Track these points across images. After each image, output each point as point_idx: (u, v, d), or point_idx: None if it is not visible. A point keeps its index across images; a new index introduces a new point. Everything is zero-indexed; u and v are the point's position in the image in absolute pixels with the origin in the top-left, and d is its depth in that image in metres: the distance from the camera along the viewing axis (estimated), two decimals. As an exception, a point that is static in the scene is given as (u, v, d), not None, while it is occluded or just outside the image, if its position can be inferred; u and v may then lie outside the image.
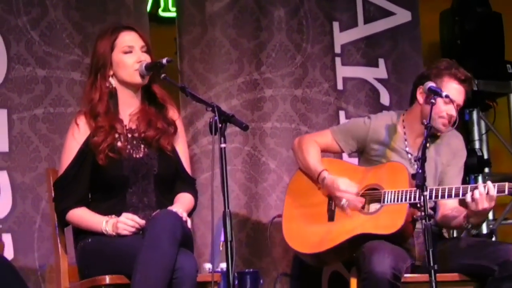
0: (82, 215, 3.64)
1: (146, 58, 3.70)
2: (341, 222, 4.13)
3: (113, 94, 3.70)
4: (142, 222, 3.55)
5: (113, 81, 3.71)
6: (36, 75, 4.70)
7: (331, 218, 4.18)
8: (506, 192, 3.90)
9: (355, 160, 4.63)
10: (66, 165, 3.66)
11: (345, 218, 4.13)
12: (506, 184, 3.91)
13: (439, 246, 3.98)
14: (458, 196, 3.97)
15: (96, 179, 3.66)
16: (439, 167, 4.24)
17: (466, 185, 4.00)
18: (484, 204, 3.89)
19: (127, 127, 3.72)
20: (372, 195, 4.14)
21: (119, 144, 3.67)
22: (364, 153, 4.35)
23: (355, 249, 3.98)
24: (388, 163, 4.20)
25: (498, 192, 3.91)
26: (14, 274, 3.53)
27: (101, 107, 3.67)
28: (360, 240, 3.99)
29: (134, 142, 3.71)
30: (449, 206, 4.17)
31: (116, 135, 3.68)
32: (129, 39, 3.72)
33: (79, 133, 3.67)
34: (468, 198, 3.91)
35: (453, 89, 4.13)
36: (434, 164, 4.17)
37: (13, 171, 4.59)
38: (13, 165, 4.60)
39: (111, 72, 3.71)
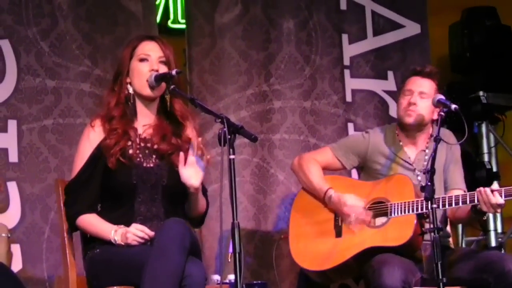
0: (92, 222, 3.64)
1: (161, 69, 3.70)
2: (349, 237, 4.12)
3: (130, 101, 3.71)
4: (152, 233, 3.54)
5: (130, 89, 3.72)
6: (45, 86, 4.72)
7: (338, 234, 4.17)
8: None
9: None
10: (79, 169, 3.67)
11: (353, 233, 4.12)
12: None
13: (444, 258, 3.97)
14: (466, 203, 3.96)
15: (105, 185, 3.66)
16: (441, 168, 4.24)
17: (473, 192, 3.99)
18: (490, 209, 3.89)
19: (141, 136, 3.72)
20: (378, 208, 4.13)
21: (130, 151, 3.68)
22: (366, 168, 4.35)
23: (363, 264, 3.97)
24: (392, 176, 4.20)
25: (506, 196, 3.90)
26: (18, 286, 3.53)
27: (117, 111, 3.68)
28: (369, 254, 3.98)
29: (146, 151, 3.70)
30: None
31: (129, 142, 3.68)
32: (147, 48, 3.73)
33: (94, 135, 3.68)
34: (484, 208, 3.91)
35: (411, 81, 4.27)
36: (437, 169, 4.14)
37: (22, 182, 4.60)
38: (22, 175, 4.61)
39: (128, 80, 3.72)
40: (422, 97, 4.21)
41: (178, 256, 3.37)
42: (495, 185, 3.99)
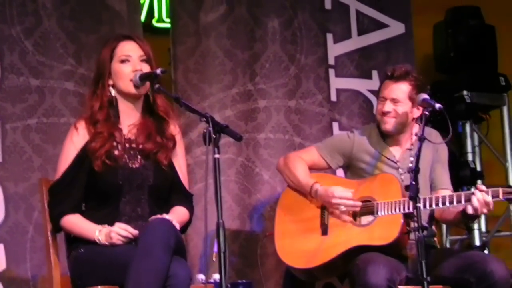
0: (76, 222, 3.64)
1: (144, 68, 3.69)
2: (335, 236, 4.13)
3: (113, 103, 3.70)
4: (135, 232, 3.54)
5: (112, 91, 3.71)
6: (29, 85, 4.70)
7: (324, 232, 4.17)
8: (500, 197, 3.91)
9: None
10: (63, 170, 3.65)
11: (339, 231, 4.13)
12: (500, 189, 3.92)
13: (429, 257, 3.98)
14: (452, 203, 3.98)
15: (91, 186, 3.65)
16: (427, 167, 4.25)
17: (460, 192, 4.01)
18: (483, 209, 3.91)
19: (126, 137, 3.71)
20: (364, 207, 4.14)
21: (116, 152, 3.67)
22: (351, 167, 4.36)
23: (349, 262, 3.97)
24: (379, 175, 4.21)
25: (492, 197, 3.92)
26: None
27: (101, 115, 3.67)
28: (355, 253, 3.98)
29: (131, 152, 3.70)
30: None
31: (114, 143, 3.68)
32: (127, 49, 3.72)
33: (78, 138, 3.67)
34: (470, 211, 3.93)
35: (384, 87, 4.26)
36: (423, 168, 4.16)
37: (5, 181, 4.58)
38: (6, 175, 4.59)
39: (111, 82, 3.71)
40: (395, 103, 4.20)
41: (163, 256, 3.37)
42: (481, 186, 3.99)
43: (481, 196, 3.90)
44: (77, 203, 3.67)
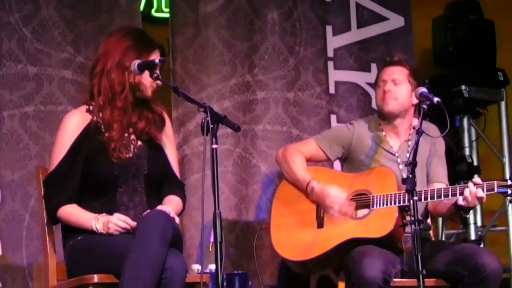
0: (72, 212, 3.62)
1: None
2: (331, 228, 4.13)
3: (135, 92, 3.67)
4: (133, 223, 3.53)
5: (131, 75, 3.67)
6: (27, 72, 4.69)
7: (320, 225, 4.18)
8: (495, 190, 3.92)
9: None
10: (58, 161, 3.64)
11: (334, 224, 4.13)
12: (495, 182, 3.93)
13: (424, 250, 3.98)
14: (448, 196, 3.99)
15: (86, 177, 3.64)
16: (424, 161, 4.26)
17: (455, 186, 4.02)
18: (475, 202, 3.92)
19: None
20: (360, 200, 4.14)
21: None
22: (349, 159, 4.36)
23: (344, 255, 3.98)
24: (375, 168, 4.21)
25: (487, 191, 3.93)
26: None
27: (120, 102, 3.63)
28: (350, 246, 3.99)
29: (124, 141, 3.69)
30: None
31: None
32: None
33: (72, 127, 3.65)
34: (460, 201, 3.94)
35: (383, 72, 4.33)
36: (420, 161, 4.16)
37: (2, 169, 4.58)
38: (2, 162, 4.58)
39: (131, 68, 3.66)
40: (396, 83, 4.25)
41: (160, 248, 3.37)
42: (477, 179, 4.01)
43: (473, 189, 3.91)
44: (74, 194, 3.65)
